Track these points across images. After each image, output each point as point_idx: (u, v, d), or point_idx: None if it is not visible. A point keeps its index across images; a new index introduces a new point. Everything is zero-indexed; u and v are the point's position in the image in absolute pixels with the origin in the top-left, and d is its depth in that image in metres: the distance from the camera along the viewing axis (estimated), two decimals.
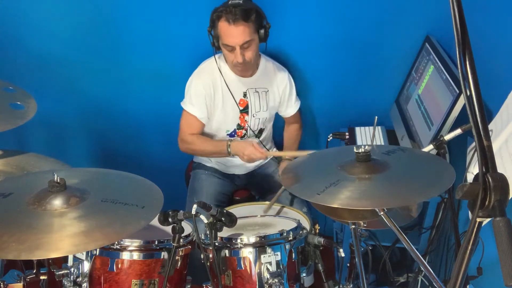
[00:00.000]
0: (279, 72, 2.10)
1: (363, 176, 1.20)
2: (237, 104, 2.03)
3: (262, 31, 1.87)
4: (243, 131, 2.10)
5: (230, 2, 1.80)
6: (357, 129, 2.24)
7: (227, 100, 2.01)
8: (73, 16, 2.16)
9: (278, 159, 2.27)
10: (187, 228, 1.51)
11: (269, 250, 1.41)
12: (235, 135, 2.10)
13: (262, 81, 2.06)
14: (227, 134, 2.09)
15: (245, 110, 2.06)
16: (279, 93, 2.11)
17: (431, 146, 1.44)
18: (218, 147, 2.00)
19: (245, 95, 2.04)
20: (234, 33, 1.79)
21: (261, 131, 2.15)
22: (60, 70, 2.30)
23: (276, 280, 1.37)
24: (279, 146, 2.35)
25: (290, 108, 2.19)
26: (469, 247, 0.74)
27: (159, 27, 2.18)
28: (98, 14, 2.16)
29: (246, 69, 1.96)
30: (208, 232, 1.38)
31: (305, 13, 2.13)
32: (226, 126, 2.07)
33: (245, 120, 2.07)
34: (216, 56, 1.98)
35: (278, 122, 2.31)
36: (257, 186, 2.25)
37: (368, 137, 2.15)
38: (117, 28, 2.19)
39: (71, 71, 2.31)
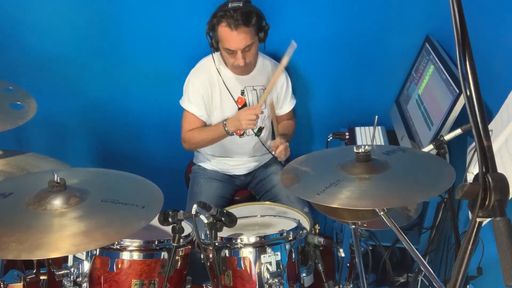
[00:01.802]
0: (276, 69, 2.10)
1: (363, 176, 1.20)
2: (235, 102, 2.03)
3: (261, 33, 1.88)
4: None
5: (230, 5, 1.79)
6: (357, 129, 2.24)
7: (225, 98, 2.02)
8: (73, 16, 2.17)
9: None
10: (187, 228, 1.51)
11: (269, 250, 1.41)
12: (234, 133, 2.10)
13: (260, 78, 2.06)
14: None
15: (243, 108, 2.06)
16: (276, 91, 2.12)
17: (431, 146, 1.44)
18: (216, 131, 2.00)
19: (242, 93, 2.04)
20: (236, 38, 1.79)
21: (260, 129, 2.14)
22: (60, 70, 2.30)
23: (276, 280, 1.37)
24: None
25: (285, 105, 2.19)
26: (469, 247, 0.74)
27: (159, 27, 2.18)
28: (98, 14, 2.16)
29: (246, 70, 1.97)
30: (208, 232, 1.38)
31: (305, 14, 2.13)
32: None
33: None
34: (214, 54, 1.98)
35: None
36: (257, 186, 2.25)
37: (368, 137, 2.15)
38: (117, 28, 2.19)
39: (71, 71, 2.31)
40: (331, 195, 1.14)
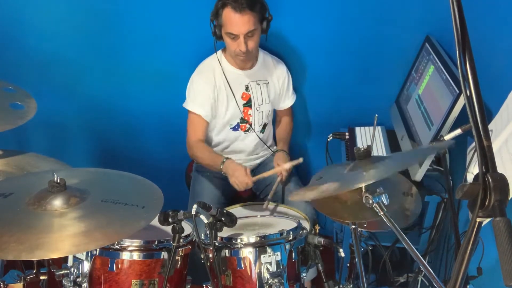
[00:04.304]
0: (277, 64, 2.12)
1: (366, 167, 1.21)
2: (239, 98, 2.04)
3: (264, 22, 1.89)
4: (247, 125, 2.10)
5: None
6: (357, 129, 2.24)
7: (229, 94, 2.02)
8: (73, 16, 2.16)
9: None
10: (187, 228, 1.51)
11: (269, 250, 1.41)
12: (239, 129, 2.10)
13: (262, 73, 2.08)
14: (230, 128, 2.09)
15: (248, 104, 2.06)
16: (278, 85, 2.13)
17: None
18: (213, 161, 1.98)
19: (247, 89, 2.05)
20: (239, 21, 1.80)
21: (265, 126, 2.15)
22: (60, 70, 2.30)
23: (276, 280, 1.37)
24: None
25: (288, 100, 2.20)
26: (469, 247, 0.74)
27: (160, 27, 2.18)
28: (98, 14, 2.16)
29: (247, 59, 1.97)
30: (208, 232, 1.38)
31: (305, 14, 2.13)
32: (229, 120, 2.08)
33: (249, 114, 2.08)
34: (217, 52, 2.00)
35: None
36: (259, 185, 2.24)
37: (368, 137, 2.15)
38: (118, 28, 2.19)
39: (71, 71, 2.31)
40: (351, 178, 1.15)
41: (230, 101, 2.03)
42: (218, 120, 2.08)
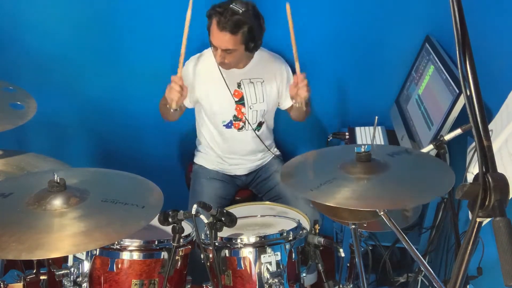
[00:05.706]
0: (276, 60, 2.08)
1: (360, 176, 1.20)
2: (231, 95, 2.02)
3: (251, 44, 1.85)
4: (241, 123, 2.08)
5: (231, 5, 1.77)
6: (357, 129, 2.24)
7: (221, 90, 2.01)
8: (73, 16, 2.17)
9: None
10: (187, 228, 1.51)
11: (269, 250, 1.41)
12: (232, 127, 2.08)
13: (257, 71, 2.04)
14: (223, 125, 2.08)
15: (240, 102, 2.04)
16: (276, 84, 2.08)
17: (431, 146, 1.44)
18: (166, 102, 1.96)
19: (239, 86, 2.03)
20: (218, 37, 1.80)
21: (260, 124, 2.13)
22: (60, 70, 2.30)
23: (276, 280, 1.37)
24: (281, 144, 2.34)
25: (289, 98, 2.17)
26: (469, 247, 0.74)
27: (159, 27, 2.18)
28: (98, 14, 2.16)
29: (226, 68, 1.97)
30: (208, 232, 1.38)
31: (305, 13, 2.13)
32: (222, 117, 2.06)
33: (242, 112, 2.06)
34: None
35: (279, 120, 2.31)
36: (259, 185, 2.24)
37: (368, 137, 2.15)
38: (117, 28, 2.19)
39: (71, 71, 2.30)
40: (324, 192, 1.14)
41: (221, 97, 2.01)
42: (211, 114, 2.06)
